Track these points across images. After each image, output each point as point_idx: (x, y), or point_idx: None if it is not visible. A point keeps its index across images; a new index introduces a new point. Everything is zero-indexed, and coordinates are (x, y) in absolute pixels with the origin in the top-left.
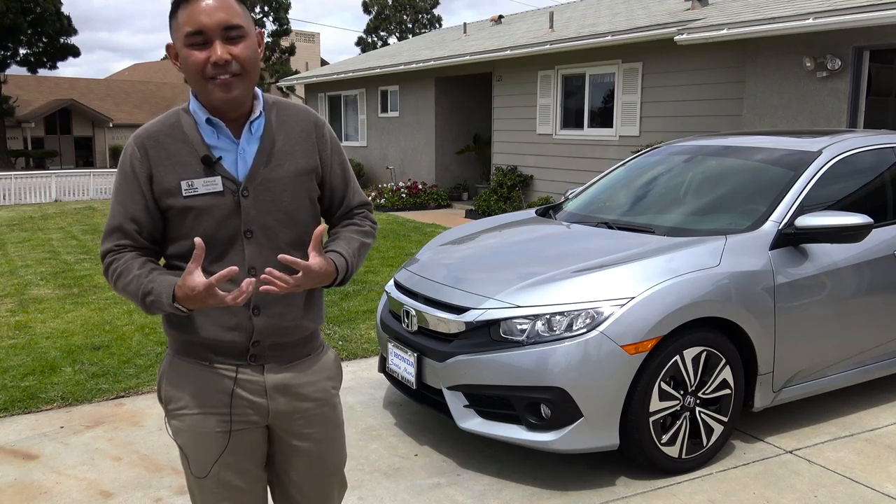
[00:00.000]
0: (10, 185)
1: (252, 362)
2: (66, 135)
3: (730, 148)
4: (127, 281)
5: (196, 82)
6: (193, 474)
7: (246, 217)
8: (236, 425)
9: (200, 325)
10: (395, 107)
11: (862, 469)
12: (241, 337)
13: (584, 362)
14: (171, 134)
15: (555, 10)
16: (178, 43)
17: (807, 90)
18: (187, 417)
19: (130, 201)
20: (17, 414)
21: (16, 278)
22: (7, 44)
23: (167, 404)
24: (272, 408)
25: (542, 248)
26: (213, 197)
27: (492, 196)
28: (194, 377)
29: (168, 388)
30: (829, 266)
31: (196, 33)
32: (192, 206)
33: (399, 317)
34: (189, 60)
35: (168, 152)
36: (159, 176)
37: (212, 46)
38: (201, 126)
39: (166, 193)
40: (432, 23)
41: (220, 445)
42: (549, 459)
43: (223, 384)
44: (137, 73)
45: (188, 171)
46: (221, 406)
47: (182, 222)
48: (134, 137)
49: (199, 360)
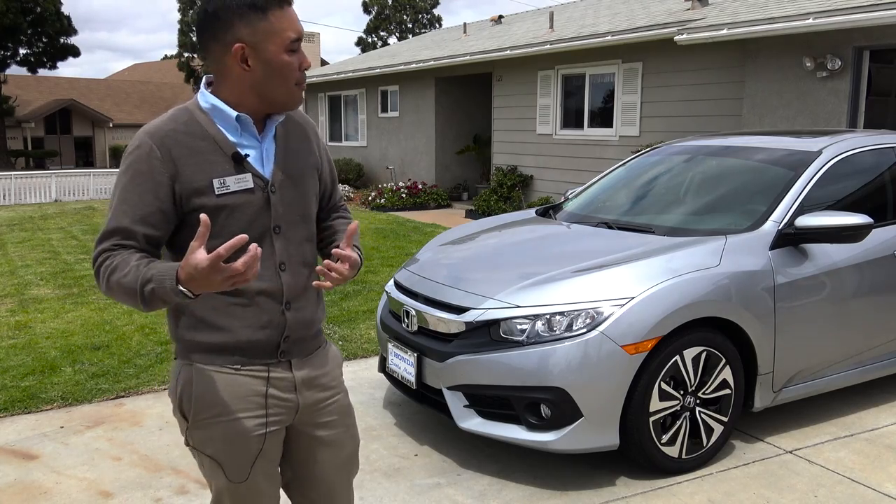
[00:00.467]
0: (10, 185)
1: (282, 359)
2: (66, 135)
3: (730, 148)
4: (123, 273)
5: (283, 85)
6: (231, 480)
7: (275, 213)
8: (271, 426)
9: (232, 328)
10: (395, 107)
11: (862, 469)
12: (274, 334)
13: (584, 362)
14: (190, 132)
15: (555, 10)
16: (273, 47)
17: (807, 90)
18: (221, 424)
19: (140, 202)
20: (17, 414)
21: (16, 278)
22: (7, 44)
23: (196, 415)
24: (301, 402)
25: (542, 248)
26: (245, 194)
27: (492, 196)
28: (227, 383)
29: (199, 397)
30: (829, 266)
31: (297, 40)
32: (225, 204)
33: (399, 317)
34: (289, 66)
35: (191, 150)
36: (187, 175)
37: (299, 53)
38: (222, 123)
39: (196, 193)
40: (432, 23)
41: (257, 448)
42: (549, 459)
43: (256, 386)
44: (137, 73)
45: (217, 169)
46: (257, 408)
47: (214, 221)
48: (149, 135)
49: (228, 366)
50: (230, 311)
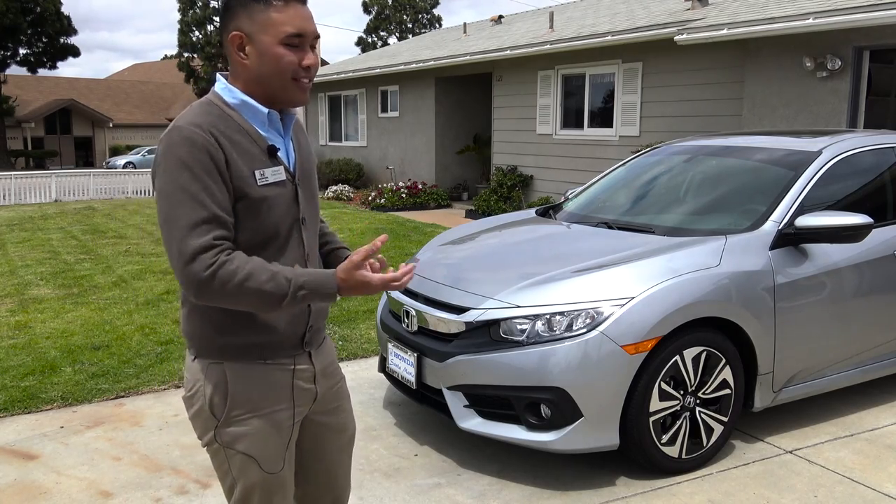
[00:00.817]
0: (10, 185)
1: (305, 349)
2: (66, 135)
3: (730, 148)
4: (264, 279)
5: (281, 79)
6: (266, 472)
7: (302, 206)
8: (297, 416)
9: (260, 324)
10: (395, 107)
11: (862, 469)
12: (300, 325)
13: (584, 362)
14: (229, 125)
15: (555, 10)
16: (267, 38)
17: (807, 90)
18: (255, 420)
19: (217, 189)
20: (17, 414)
21: (16, 278)
22: (7, 44)
23: (230, 412)
24: (319, 390)
25: (542, 248)
26: (279, 186)
27: (492, 196)
28: (257, 378)
29: (233, 395)
30: (829, 266)
31: (297, 35)
32: (266, 195)
33: (399, 317)
34: (284, 59)
35: (233, 142)
36: (236, 165)
37: (304, 50)
38: (252, 118)
39: (244, 183)
40: (432, 23)
41: (288, 438)
42: (549, 459)
43: (284, 378)
44: (137, 73)
45: (256, 162)
46: (286, 400)
47: (257, 211)
48: (197, 126)
49: (256, 361)
50: None
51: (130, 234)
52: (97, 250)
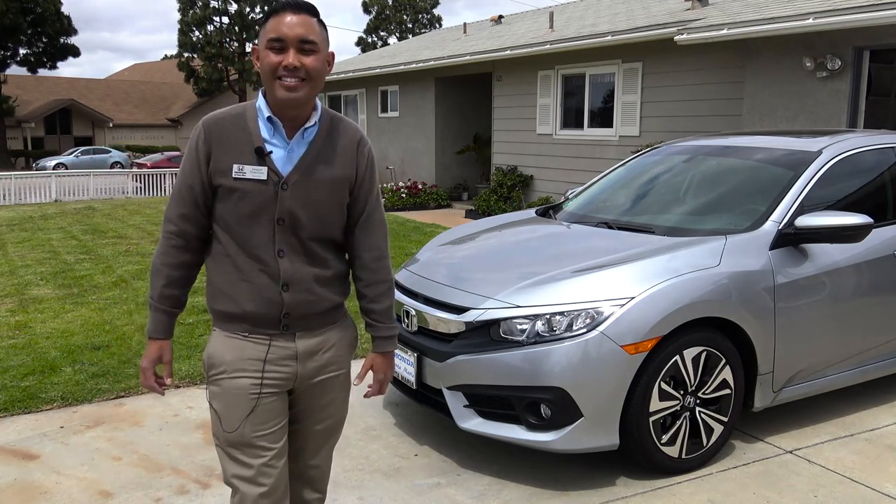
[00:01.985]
0: (10, 185)
1: (285, 331)
2: (66, 135)
3: (730, 148)
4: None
5: (267, 79)
6: (224, 430)
7: (280, 207)
8: (266, 389)
9: (239, 299)
10: (395, 107)
11: (862, 469)
12: (273, 310)
13: (584, 362)
14: (235, 122)
15: (555, 10)
16: (261, 45)
17: (807, 90)
18: (224, 381)
19: (191, 173)
20: (17, 414)
21: (16, 278)
22: (7, 44)
23: (209, 370)
24: (300, 372)
25: (542, 248)
26: (257, 184)
27: (492, 196)
28: (233, 346)
29: (211, 356)
30: (829, 266)
31: (276, 40)
32: (237, 187)
33: (399, 317)
34: (266, 60)
35: (228, 137)
36: (216, 156)
37: (287, 52)
38: (262, 121)
39: (219, 172)
40: (432, 23)
41: (249, 406)
42: (549, 459)
43: (257, 352)
44: (137, 73)
45: (241, 157)
46: (254, 371)
47: (229, 199)
48: (203, 120)
49: (237, 332)
50: (239, 285)
51: (130, 233)
52: (97, 250)
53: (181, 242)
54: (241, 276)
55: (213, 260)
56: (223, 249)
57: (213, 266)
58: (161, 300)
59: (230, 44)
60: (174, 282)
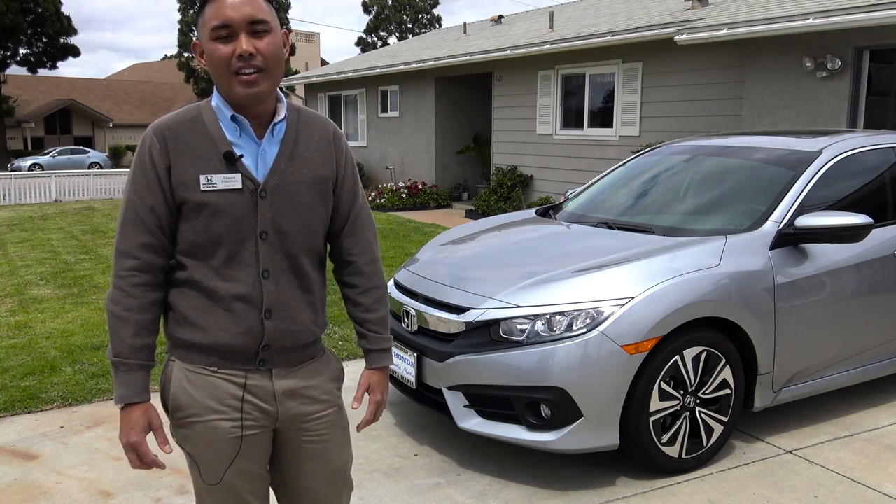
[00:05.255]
0: (10, 185)
1: (261, 367)
2: (66, 135)
3: (730, 148)
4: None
5: (221, 77)
6: (205, 482)
7: (262, 218)
8: (248, 430)
9: (210, 329)
10: (395, 107)
11: (862, 469)
12: (251, 341)
13: (584, 362)
14: (191, 127)
15: (555, 10)
16: (204, 38)
17: (807, 90)
18: (198, 425)
19: (149, 192)
20: (17, 414)
21: (16, 278)
22: (7, 44)
23: (174, 413)
24: (281, 412)
25: (541, 247)
26: (231, 194)
27: (492, 196)
28: (203, 384)
29: (175, 396)
30: (829, 266)
31: (222, 27)
32: (208, 201)
33: (399, 317)
34: (215, 54)
35: (188, 145)
36: (178, 168)
37: (237, 40)
38: (223, 122)
39: (183, 186)
40: (432, 23)
41: (232, 451)
42: (549, 459)
43: (232, 390)
44: (137, 73)
45: (208, 166)
46: (233, 411)
47: (197, 217)
48: (152, 128)
49: (205, 367)
50: (211, 312)
51: None
52: (97, 250)
53: (147, 279)
54: (212, 304)
55: (176, 286)
56: (188, 275)
57: (177, 292)
58: (133, 354)
59: None
60: (145, 328)
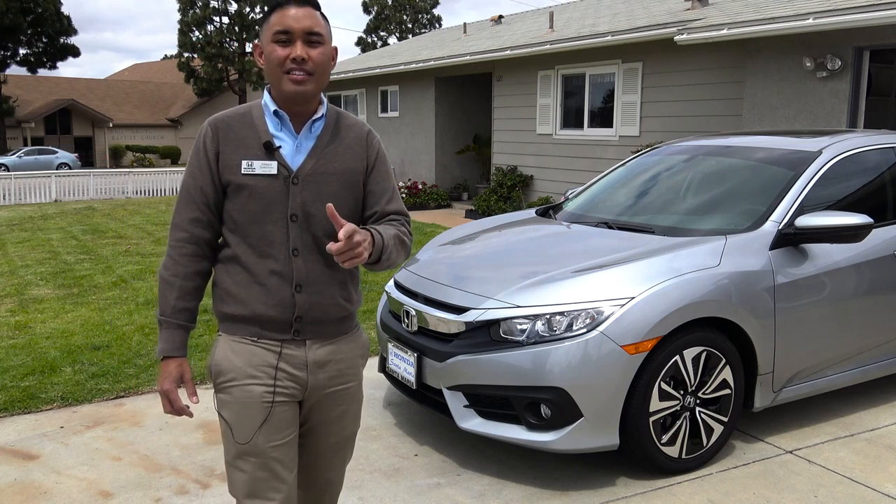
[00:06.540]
0: (10, 185)
1: (295, 337)
2: (66, 135)
3: (730, 148)
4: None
5: (274, 74)
6: (236, 441)
7: (293, 202)
8: (279, 397)
9: (249, 301)
10: (395, 107)
11: (862, 469)
12: (285, 313)
13: (584, 362)
14: (241, 120)
15: (555, 10)
16: (265, 40)
17: (807, 90)
18: (235, 389)
19: (200, 174)
20: (17, 414)
21: (16, 278)
22: (7, 44)
23: (216, 378)
24: (311, 382)
25: (541, 248)
26: (267, 179)
27: (492, 196)
28: (242, 352)
29: (218, 363)
30: (829, 266)
31: (283, 32)
32: (247, 184)
33: (399, 317)
34: (273, 55)
35: (236, 135)
36: (225, 154)
37: (294, 45)
38: (268, 117)
39: (228, 170)
40: (432, 23)
41: (262, 414)
42: (549, 459)
43: (268, 358)
44: (137, 73)
45: (250, 153)
46: (266, 378)
47: (238, 197)
48: (208, 121)
49: (247, 337)
50: (249, 287)
51: (130, 234)
52: (97, 250)
53: (194, 249)
54: (251, 278)
55: (222, 264)
56: (232, 252)
57: (222, 269)
58: (175, 314)
59: (230, 44)
60: (188, 293)
